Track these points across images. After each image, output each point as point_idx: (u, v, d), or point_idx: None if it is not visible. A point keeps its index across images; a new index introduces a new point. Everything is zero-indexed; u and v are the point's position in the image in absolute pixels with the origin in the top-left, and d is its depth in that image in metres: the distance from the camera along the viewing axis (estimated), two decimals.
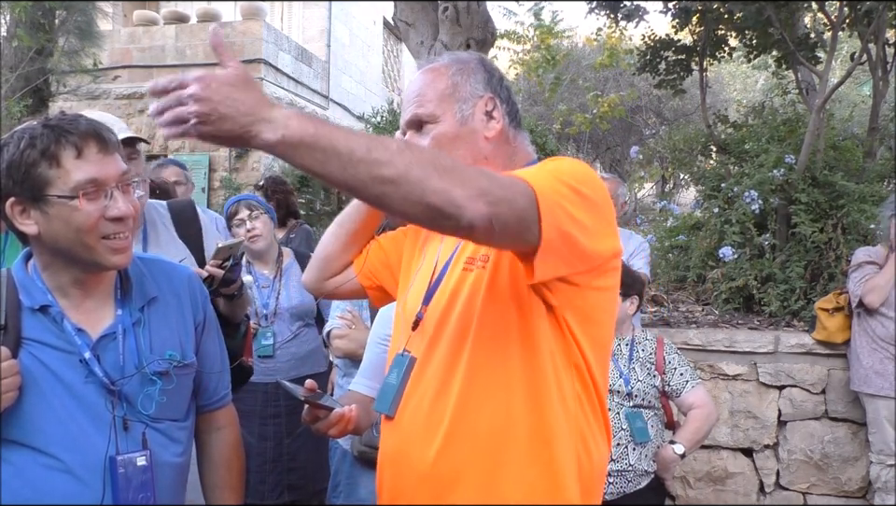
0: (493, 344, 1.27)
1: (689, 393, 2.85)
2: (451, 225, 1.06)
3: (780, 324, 4.50)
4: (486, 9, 5.22)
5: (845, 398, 3.94)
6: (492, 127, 1.40)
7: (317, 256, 1.63)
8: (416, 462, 1.29)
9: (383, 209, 1.09)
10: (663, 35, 6.80)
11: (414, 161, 1.03)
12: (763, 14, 5.41)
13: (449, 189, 1.03)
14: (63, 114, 1.34)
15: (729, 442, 4.07)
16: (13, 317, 1.30)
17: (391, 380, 1.37)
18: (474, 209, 1.04)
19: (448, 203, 1.03)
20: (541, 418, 1.26)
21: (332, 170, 1.01)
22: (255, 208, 3.30)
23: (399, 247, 1.59)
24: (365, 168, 1.01)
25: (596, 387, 1.33)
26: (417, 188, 1.02)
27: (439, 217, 1.04)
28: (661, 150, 7.31)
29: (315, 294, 1.78)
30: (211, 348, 1.56)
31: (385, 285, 1.59)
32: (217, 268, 1.80)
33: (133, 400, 1.35)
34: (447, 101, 1.39)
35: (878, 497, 3.66)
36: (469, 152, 1.37)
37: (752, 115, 6.51)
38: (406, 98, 1.44)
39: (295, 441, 3.21)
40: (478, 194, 1.05)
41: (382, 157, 1.01)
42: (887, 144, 5.74)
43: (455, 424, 1.27)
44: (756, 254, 4.88)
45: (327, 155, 1.00)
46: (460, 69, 1.41)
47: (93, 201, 1.28)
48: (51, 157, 1.26)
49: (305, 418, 1.45)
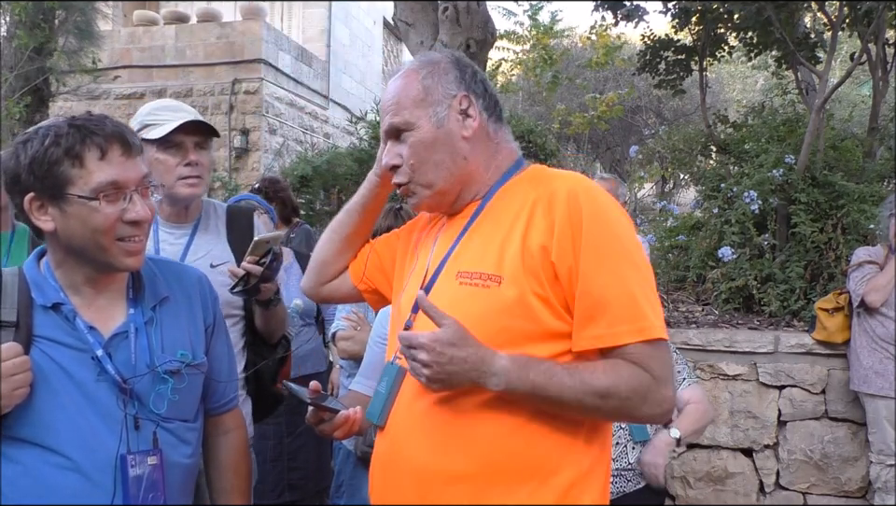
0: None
1: (685, 390, 2.86)
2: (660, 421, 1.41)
3: (780, 324, 4.50)
4: (486, 9, 5.22)
5: (845, 398, 3.95)
6: (468, 126, 1.38)
7: (314, 261, 1.65)
8: (409, 466, 1.29)
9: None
10: (662, 35, 6.80)
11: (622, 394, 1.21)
12: (763, 14, 5.42)
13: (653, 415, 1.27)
14: (89, 114, 1.34)
15: (729, 442, 4.07)
16: (25, 315, 1.30)
17: (381, 389, 1.37)
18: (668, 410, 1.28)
19: (655, 420, 1.34)
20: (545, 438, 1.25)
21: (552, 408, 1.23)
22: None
23: (392, 250, 1.59)
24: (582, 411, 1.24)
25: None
26: (626, 415, 1.32)
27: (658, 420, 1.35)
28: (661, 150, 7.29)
29: (314, 299, 1.78)
30: (220, 350, 1.56)
31: (381, 288, 1.60)
32: (255, 264, 1.74)
33: (145, 399, 1.35)
34: (420, 106, 1.37)
35: (878, 497, 3.66)
36: (448, 155, 1.37)
37: (752, 115, 6.51)
38: (382, 108, 1.44)
39: (295, 440, 3.21)
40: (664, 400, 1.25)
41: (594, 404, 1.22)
42: (886, 144, 5.74)
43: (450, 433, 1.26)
44: (756, 254, 4.88)
45: (549, 403, 1.22)
46: (430, 71, 1.39)
47: (112, 203, 1.28)
48: (75, 156, 1.27)
49: (310, 420, 1.45)
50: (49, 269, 1.37)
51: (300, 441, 3.21)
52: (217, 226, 2.02)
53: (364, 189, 1.59)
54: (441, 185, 1.38)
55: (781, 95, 7.25)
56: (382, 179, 1.55)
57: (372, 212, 1.62)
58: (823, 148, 5.29)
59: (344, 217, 1.61)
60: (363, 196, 1.59)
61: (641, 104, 11.51)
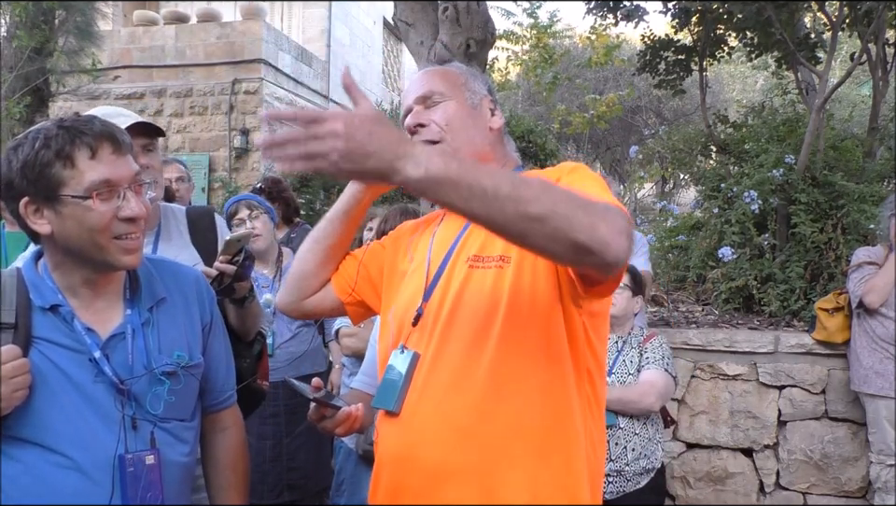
0: (518, 345, 1.27)
1: (646, 371, 2.85)
2: (594, 262, 1.06)
3: (780, 324, 4.50)
4: (486, 9, 5.21)
5: (845, 398, 3.95)
6: (496, 121, 1.48)
7: (293, 276, 1.57)
8: (424, 460, 1.28)
9: (523, 245, 1.09)
10: (662, 35, 6.80)
11: (559, 200, 1.03)
12: (763, 14, 5.41)
13: (595, 226, 1.03)
14: (77, 115, 1.35)
15: (729, 442, 4.07)
16: (24, 316, 1.31)
17: (393, 376, 1.35)
18: (619, 244, 1.04)
19: (595, 241, 1.03)
20: (558, 421, 1.27)
21: (475, 206, 1.02)
22: (255, 208, 3.30)
23: (379, 261, 1.56)
24: (512, 206, 1.01)
25: (600, 388, 1.35)
26: (564, 224, 1.02)
27: (584, 253, 1.04)
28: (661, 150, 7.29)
29: (293, 316, 1.74)
30: (217, 349, 1.57)
31: (367, 300, 1.56)
32: (228, 264, 1.74)
33: (142, 400, 1.36)
34: (457, 87, 1.46)
35: (878, 497, 3.66)
36: (479, 134, 1.44)
37: (752, 115, 6.51)
38: (410, 88, 1.48)
39: (294, 440, 3.21)
40: (619, 231, 1.05)
41: (527, 194, 1.02)
42: (886, 144, 5.73)
43: (471, 422, 1.26)
44: (756, 254, 4.89)
45: (472, 192, 1.01)
46: (464, 70, 1.51)
47: (106, 201, 1.29)
48: (66, 157, 1.27)
49: (312, 417, 1.45)
50: (46, 271, 1.38)
51: (299, 441, 3.21)
52: (179, 231, 1.99)
53: (346, 196, 1.52)
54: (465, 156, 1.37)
55: (781, 95, 7.25)
56: (366, 185, 1.50)
57: (355, 219, 1.55)
58: (823, 148, 5.29)
59: (326, 226, 1.54)
60: (346, 203, 1.52)
61: (641, 104, 11.52)
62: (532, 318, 1.27)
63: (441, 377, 1.30)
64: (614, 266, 1.07)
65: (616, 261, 1.05)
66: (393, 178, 1.01)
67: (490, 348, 1.27)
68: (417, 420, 1.30)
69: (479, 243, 1.35)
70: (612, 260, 1.04)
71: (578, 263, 1.11)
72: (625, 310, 2.95)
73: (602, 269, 1.08)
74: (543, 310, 1.27)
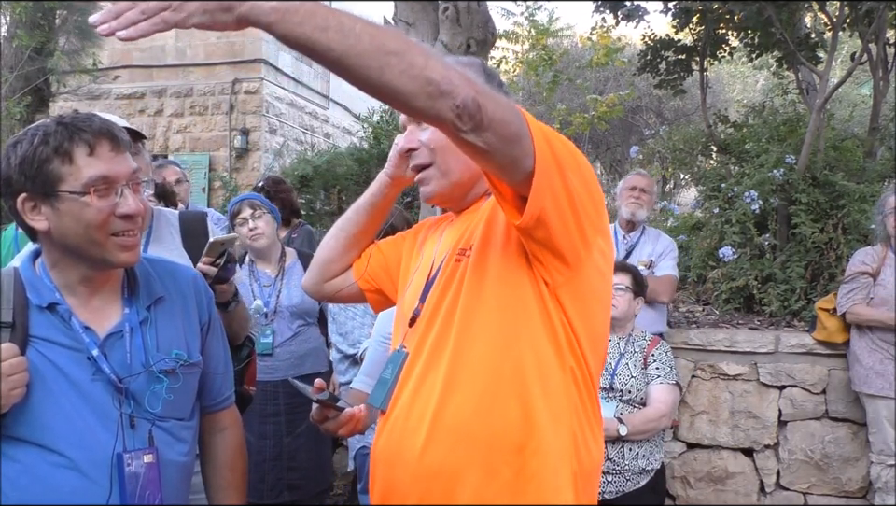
0: (475, 330, 1.26)
1: (655, 387, 2.87)
2: (445, 105, 1.04)
3: (781, 324, 4.50)
4: (487, 9, 5.21)
5: (845, 398, 3.94)
6: None
7: (317, 259, 1.65)
8: (406, 457, 1.28)
9: (377, 84, 1.03)
10: (663, 35, 6.80)
11: (413, 42, 1.04)
12: (764, 14, 5.41)
13: (447, 69, 1.04)
14: (76, 112, 1.35)
15: (729, 442, 4.07)
16: (21, 315, 1.31)
17: (385, 375, 1.38)
18: (467, 91, 1.04)
19: (446, 80, 1.03)
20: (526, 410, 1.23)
21: (333, 38, 0.97)
22: (258, 207, 3.31)
23: (398, 251, 1.61)
24: (368, 38, 0.99)
25: (592, 382, 1.31)
26: (420, 60, 1.01)
27: (435, 93, 1.03)
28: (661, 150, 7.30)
29: (315, 297, 1.78)
30: (216, 349, 1.57)
31: (385, 288, 1.61)
32: (210, 266, 1.73)
33: (140, 399, 1.36)
34: None
35: (878, 497, 3.65)
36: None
37: (752, 115, 6.51)
38: None
39: (295, 440, 3.21)
40: (469, 82, 1.06)
41: (385, 31, 1.01)
42: (887, 144, 5.73)
43: (437, 415, 1.25)
44: (756, 254, 4.88)
45: (328, 21, 0.97)
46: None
47: (104, 198, 1.29)
48: (64, 154, 1.27)
49: (314, 417, 1.45)
50: (44, 269, 1.37)
51: (299, 441, 3.22)
52: (170, 234, 1.99)
53: (374, 189, 1.60)
54: (458, 176, 1.40)
55: (782, 95, 7.25)
56: (392, 179, 1.56)
57: (381, 211, 1.62)
58: (824, 148, 5.28)
59: (352, 216, 1.62)
60: (372, 195, 1.60)
61: (642, 104, 11.52)
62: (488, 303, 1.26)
63: (415, 373, 1.31)
64: (464, 112, 1.04)
65: (464, 105, 1.04)
66: (240, 10, 0.94)
67: (451, 338, 1.27)
68: (401, 418, 1.31)
69: (465, 236, 1.35)
70: (461, 102, 1.03)
71: (426, 107, 1.06)
72: (626, 312, 2.95)
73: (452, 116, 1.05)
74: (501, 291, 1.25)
